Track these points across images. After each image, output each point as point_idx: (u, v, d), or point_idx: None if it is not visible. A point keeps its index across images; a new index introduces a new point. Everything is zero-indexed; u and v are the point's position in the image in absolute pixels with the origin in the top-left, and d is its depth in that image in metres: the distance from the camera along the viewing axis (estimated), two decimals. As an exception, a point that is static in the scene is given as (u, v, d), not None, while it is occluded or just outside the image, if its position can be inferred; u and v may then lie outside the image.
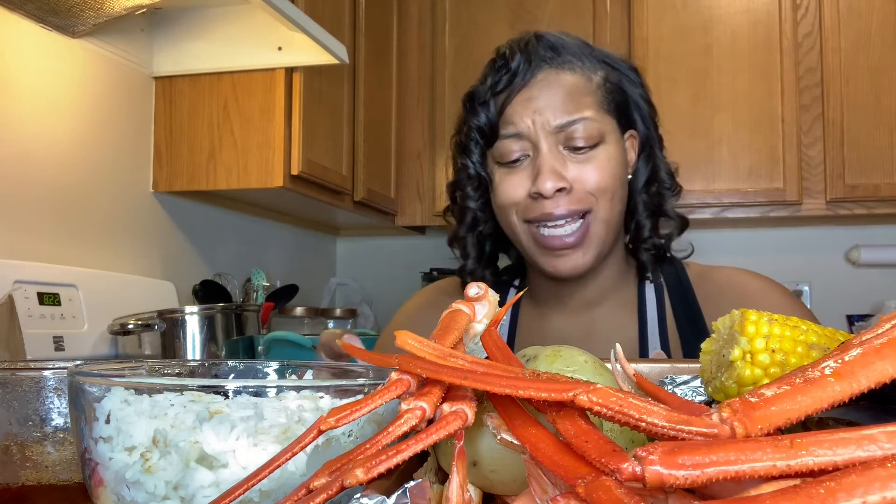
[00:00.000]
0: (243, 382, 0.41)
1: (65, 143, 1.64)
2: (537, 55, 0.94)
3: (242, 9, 1.72)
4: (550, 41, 0.95)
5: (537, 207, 0.91)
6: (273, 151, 1.89)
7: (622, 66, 1.00)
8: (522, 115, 0.92)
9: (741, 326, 0.43)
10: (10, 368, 0.52)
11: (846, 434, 0.25)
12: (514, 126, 0.92)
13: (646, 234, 1.00)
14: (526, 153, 0.93)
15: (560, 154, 0.92)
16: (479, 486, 0.38)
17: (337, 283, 2.91)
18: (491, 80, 0.95)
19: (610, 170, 0.93)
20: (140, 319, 1.63)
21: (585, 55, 0.96)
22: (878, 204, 2.40)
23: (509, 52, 0.96)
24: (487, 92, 0.95)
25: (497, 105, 0.94)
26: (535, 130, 0.91)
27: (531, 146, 0.92)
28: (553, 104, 0.91)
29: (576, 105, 0.92)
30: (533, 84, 0.93)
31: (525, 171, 0.93)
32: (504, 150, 0.94)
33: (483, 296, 0.47)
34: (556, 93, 0.92)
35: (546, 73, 0.93)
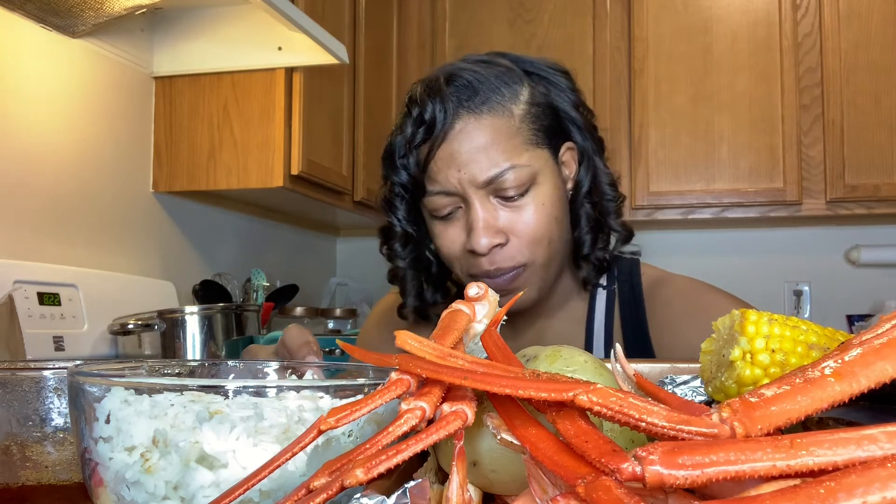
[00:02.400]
0: (243, 382, 0.41)
1: (65, 143, 1.64)
2: (453, 100, 0.87)
3: (242, 9, 1.72)
4: (466, 80, 0.88)
5: (475, 263, 0.88)
6: (273, 151, 1.89)
7: (548, 73, 0.94)
8: (447, 173, 0.87)
9: (741, 326, 0.43)
10: (10, 368, 0.52)
11: (846, 434, 0.25)
12: (440, 184, 0.88)
13: (586, 251, 0.96)
14: (457, 205, 0.89)
15: (491, 204, 0.87)
16: (479, 486, 0.38)
17: (337, 283, 2.91)
18: (409, 132, 0.89)
19: (545, 215, 0.88)
20: (140, 319, 1.63)
21: (504, 82, 0.89)
22: (878, 204, 2.40)
23: (421, 99, 0.89)
24: (405, 146, 0.90)
25: (419, 160, 0.89)
26: (461, 187, 0.86)
27: (461, 201, 0.88)
28: (477, 157, 0.86)
29: (502, 154, 0.86)
30: (452, 136, 0.87)
31: (459, 222, 0.89)
32: (435, 206, 0.90)
33: (483, 296, 0.47)
34: (479, 144, 0.86)
35: (465, 122, 0.87)
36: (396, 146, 0.92)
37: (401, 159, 0.91)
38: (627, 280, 1.00)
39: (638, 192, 2.52)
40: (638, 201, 2.52)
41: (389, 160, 0.93)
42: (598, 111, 2.79)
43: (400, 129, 0.92)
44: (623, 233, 0.99)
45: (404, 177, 0.91)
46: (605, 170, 0.97)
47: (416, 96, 0.91)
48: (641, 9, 2.55)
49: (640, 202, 2.52)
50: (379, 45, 2.50)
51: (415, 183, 0.90)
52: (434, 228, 0.92)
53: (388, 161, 0.93)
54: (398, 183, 0.92)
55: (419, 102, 0.90)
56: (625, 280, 1.00)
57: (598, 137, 0.97)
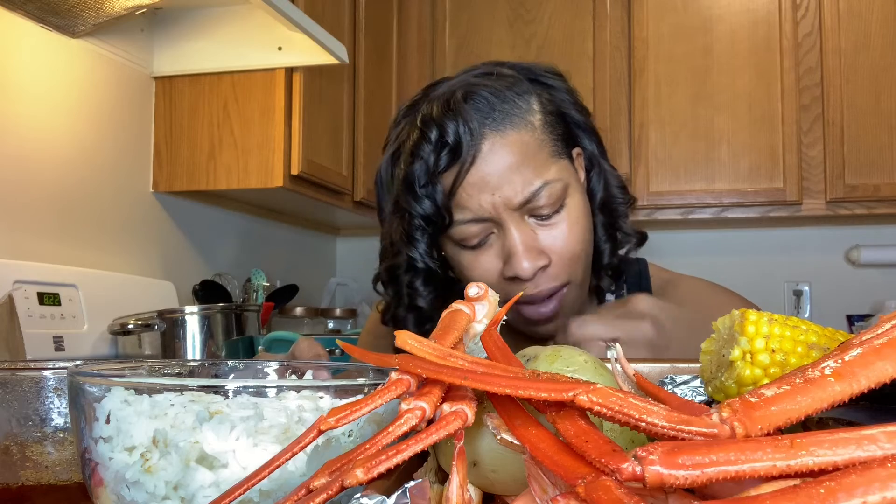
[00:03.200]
0: (243, 382, 0.41)
1: (65, 143, 1.64)
2: (476, 119, 0.81)
3: (242, 9, 1.72)
4: (483, 96, 0.82)
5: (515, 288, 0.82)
6: (273, 151, 1.89)
7: (547, 78, 0.90)
8: (479, 199, 0.80)
9: (741, 326, 0.43)
10: (10, 368, 0.52)
11: (846, 434, 0.25)
12: (472, 211, 0.81)
13: (605, 261, 0.92)
14: (489, 231, 0.83)
15: (528, 226, 0.82)
16: (479, 486, 0.38)
17: (337, 283, 2.91)
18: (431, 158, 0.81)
19: (581, 228, 0.85)
20: (140, 319, 1.63)
21: (516, 93, 0.84)
22: (878, 204, 2.40)
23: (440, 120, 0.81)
24: (427, 174, 0.81)
25: (444, 187, 0.81)
26: (495, 212, 0.81)
27: (495, 227, 0.83)
28: (510, 178, 0.80)
29: (533, 170, 0.81)
30: (481, 159, 0.80)
31: (492, 249, 0.83)
32: (465, 235, 0.83)
33: (483, 296, 0.47)
34: (509, 163, 0.80)
35: (491, 142, 0.81)
36: (416, 174, 0.82)
37: (422, 188, 0.82)
38: (636, 283, 0.98)
39: (638, 192, 2.52)
40: (638, 201, 2.52)
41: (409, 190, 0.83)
42: (598, 111, 2.79)
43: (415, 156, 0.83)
44: (636, 237, 0.96)
45: (429, 207, 0.82)
46: (613, 172, 0.94)
47: (432, 117, 0.83)
48: (641, 9, 2.55)
49: (640, 202, 2.52)
50: (379, 45, 2.50)
51: (440, 213, 0.82)
52: (462, 260, 0.85)
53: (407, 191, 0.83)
54: (420, 215, 0.83)
55: (438, 124, 0.82)
56: (633, 283, 0.98)
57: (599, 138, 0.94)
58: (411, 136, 0.85)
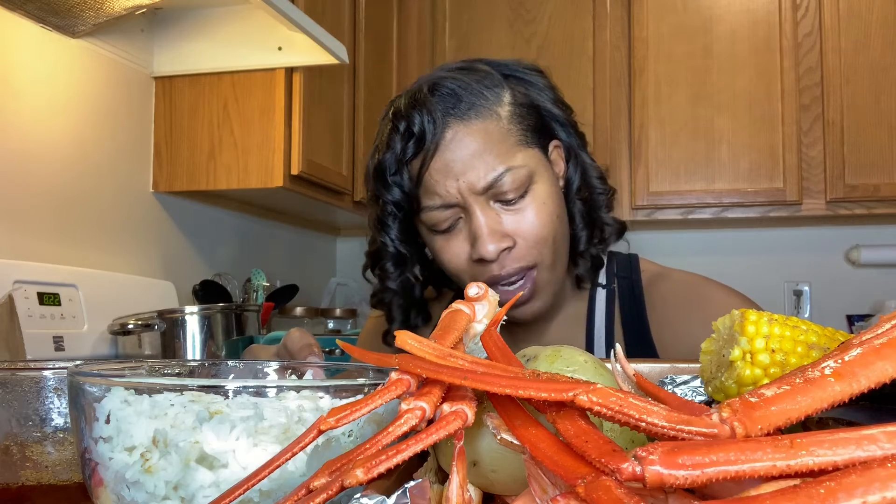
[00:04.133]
0: (243, 382, 0.41)
1: (65, 143, 1.64)
2: (439, 110, 0.86)
3: (242, 9, 1.72)
4: (449, 88, 0.87)
5: (484, 271, 0.86)
6: (273, 151, 1.89)
7: (525, 74, 0.93)
8: (445, 184, 0.85)
9: (741, 326, 0.43)
10: (10, 368, 0.52)
11: (846, 434, 0.25)
12: (440, 196, 0.86)
13: (582, 248, 0.95)
14: (458, 216, 0.87)
15: (493, 210, 0.86)
16: (479, 486, 0.38)
17: (337, 283, 2.91)
18: (398, 147, 0.87)
19: (547, 213, 0.87)
20: (140, 319, 1.63)
21: (486, 86, 0.88)
22: (878, 204, 2.40)
23: (407, 112, 0.87)
24: (396, 163, 0.88)
25: (412, 175, 0.87)
26: (460, 196, 0.85)
27: (461, 210, 0.87)
28: (473, 164, 0.84)
29: (496, 157, 0.85)
30: (444, 146, 0.85)
31: (461, 234, 0.88)
32: (434, 220, 0.88)
33: (483, 296, 0.47)
34: (473, 150, 0.85)
35: (455, 129, 0.85)
36: (386, 163, 0.88)
37: (392, 176, 0.88)
38: (627, 277, 1.00)
39: (638, 192, 2.52)
40: (638, 201, 2.52)
41: (380, 179, 0.90)
42: (598, 111, 2.79)
43: (387, 146, 0.89)
44: (615, 226, 0.98)
45: (398, 194, 0.88)
46: (592, 163, 0.96)
47: (401, 110, 0.89)
48: (641, 9, 2.55)
49: (640, 202, 2.52)
50: (379, 45, 2.50)
51: (409, 199, 0.88)
52: (435, 244, 0.90)
53: (378, 180, 0.90)
54: (391, 202, 0.89)
55: (405, 116, 0.87)
56: (624, 277, 1.00)
57: (580, 132, 0.97)
58: (385, 129, 0.92)
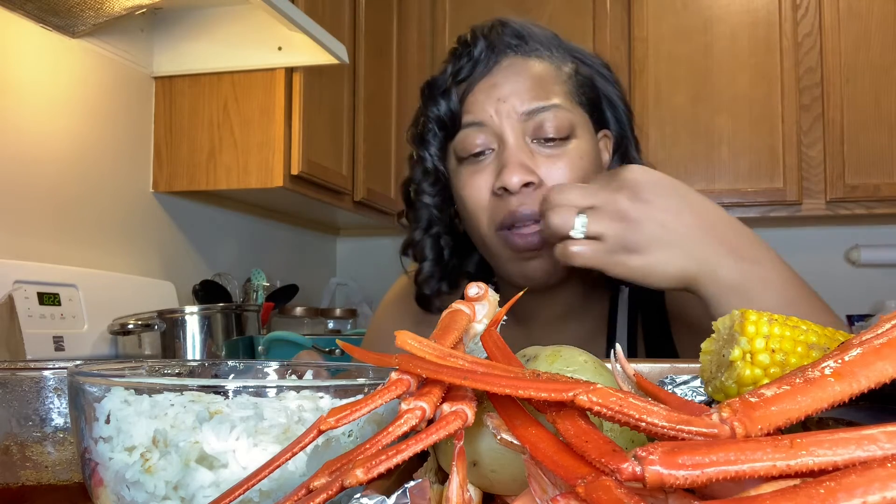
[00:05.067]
0: (243, 382, 0.41)
1: (65, 143, 1.64)
2: (502, 42, 0.87)
3: (242, 9, 1.72)
4: (516, 28, 0.89)
5: (503, 206, 0.83)
6: (273, 151, 1.89)
7: (594, 62, 0.93)
8: (485, 104, 0.84)
9: (741, 326, 0.43)
10: (10, 368, 0.52)
11: (846, 434, 0.25)
12: (476, 115, 0.85)
13: None
14: (490, 147, 0.85)
15: (527, 147, 0.83)
16: (479, 486, 0.38)
17: (337, 283, 2.91)
18: (452, 67, 0.88)
19: (582, 168, 0.84)
20: (140, 319, 1.63)
21: (554, 45, 0.89)
22: (878, 204, 2.40)
23: (471, 38, 0.89)
24: (448, 80, 0.87)
25: (458, 94, 0.87)
26: (499, 120, 0.83)
27: (496, 138, 0.84)
28: (519, 90, 0.84)
29: (545, 92, 0.84)
30: (497, 71, 0.86)
31: (490, 166, 0.85)
32: (466, 143, 0.85)
33: (483, 296, 0.47)
34: (523, 79, 0.85)
35: (511, 60, 0.86)
36: (438, 80, 0.89)
37: (441, 94, 0.88)
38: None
39: (638, 192, 2.52)
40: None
41: (429, 94, 0.90)
42: (598, 111, 2.75)
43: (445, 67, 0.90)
44: None
45: (443, 110, 0.87)
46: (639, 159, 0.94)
47: (466, 36, 0.91)
48: (641, 9, 2.55)
49: (640, 202, 2.52)
50: (379, 45, 2.50)
51: (452, 118, 0.87)
52: (460, 178, 0.88)
53: (427, 95, 0.90)
54: (434, 117, 0.88)
55: (468, 40, 0.89)
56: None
57: (636, 136, 0.95)
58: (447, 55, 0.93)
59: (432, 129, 0.89)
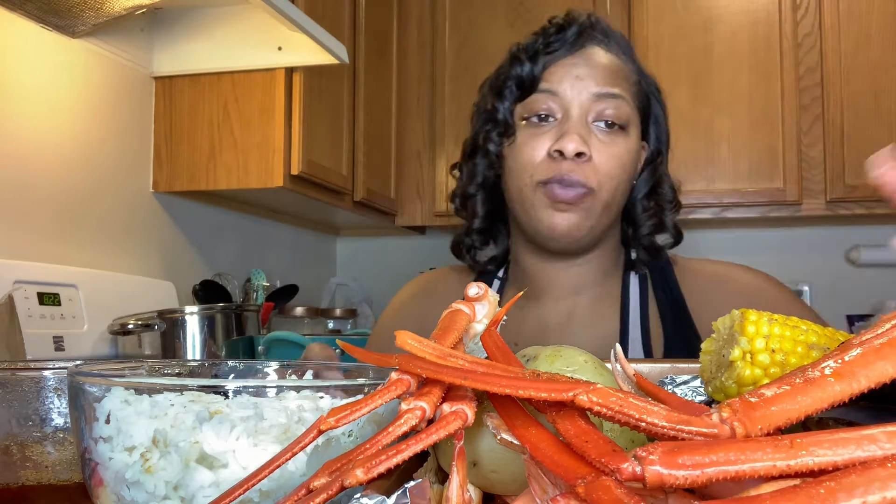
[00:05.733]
0: (243, 382, 0.41)
1: (65, 143, 1.64)
2: (590, 33, 0.97)
3: (242, 9, 1.72)
4: (604, 27, 0.99)
5: (553, 167, 0.92)
6: (273, 151, 1.89)
7: (651, 82, 1.03)
8: (563, 77, 0.94)
9: (741, 326, 0.43)
10: (10, 368, 0.52)
11: (846, 434, 0.25)
12: (553, 84, 0.94)
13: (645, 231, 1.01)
14: (555, 115, 0.94)
15: (588, 125, 0.93)
16: (479, 486, 0.38)
17: (337, 283, 2.91)
18: (543, 40, 0.97)
19: (626, 161, 0.94)
20: (140, 319, 1.63)
21: (629, 54, 1.00)
22: (878, 204, 2.40)
23: (566, 21, 0.99)
24: (537, 47, 0.97)
25: (542, 62, 0.96)
26: (570, 95, 0.93)
27: (562, 109, 0.94)
28: (595, 75, 0.94)
29: (616, 83, 0.95)
30: (581, 54, 0.96)
31: (550, 132, 0.94)
32: (536, 104, 0.95)
33: (483, 296, 0.47)
34: (601, 67, 0.95)
35: (595, 50, 0.96)
36: (528, 45, 0.98)
37: (529, 56, 0.96)
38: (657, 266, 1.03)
39: (638, 192, 2.52)
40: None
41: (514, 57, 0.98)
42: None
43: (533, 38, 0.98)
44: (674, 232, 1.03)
45: (526, 69, 0.96)
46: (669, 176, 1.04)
47: (561, 20, 0.99)
48: (641, 9, 2.55)
49: (640, 202, 2.52)
50: (379, 45, 2.50)
51: (531, 79, 0.95)
52: (520, 136, 0.96)
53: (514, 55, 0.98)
54: (516, 75, 0.97)
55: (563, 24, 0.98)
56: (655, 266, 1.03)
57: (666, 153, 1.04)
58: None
59: (510, 87, 0.98)
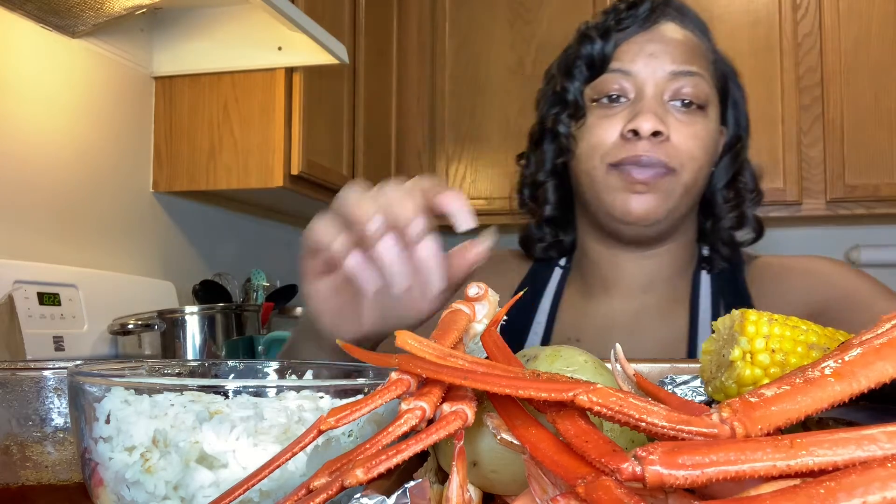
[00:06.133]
0: (243, 382, 0.41)
1: (65, 142, 1.64)
2: (664, 9, 0.93)
3: (242, 9, 1.72)
4: (679, 4, 0.95)
5: (628, 148, 0.86)
6: (273, 151, 1.89)
7: (729, 64, 0.99)
8: (637, 56, 0.89)
9: (741, 326, 0.43)
10: (10, 368, 0.52)
11: (846, 434, 0.25)
12: (625, 63, 0.89)
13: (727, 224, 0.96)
14: (627, 95, 0.89)
15: (664, 105, 0.88)
16: (479, 486, 0.38)
17: (337, 283, 2.91)
18: (613, 16, 0.92)
19: (707, 143, 0.89)
20: (140, 319, 1.63)
21: (705, 32, 0.95)
22: (878, 204, 2.40)
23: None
24: (608, 24, 0.92)
25: (614, 40, 0.91)
26: (645, 73, 0.88)
27: (635, 89, 0.89)
28: (671, 52, 0.89)
29: (694, 59, 0.90)
30: (655, 30, 0.91)
31: (622, 112, 0.88)
32: (607, 84, 0.90)
33: (483, 296, 0.47)
34: (676, 43, 0.90)
35: (670, 26, 0.92)
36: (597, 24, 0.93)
37: (600, 34, 0.92)
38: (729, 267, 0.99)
39: (638, 192, 2.52)
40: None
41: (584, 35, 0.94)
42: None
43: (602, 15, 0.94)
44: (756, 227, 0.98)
45: (597, 48, 0.91)
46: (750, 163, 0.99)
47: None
48: (641, 9, 2.55)
49: (640, 202, 2.52)
50: (379, 45, 2.49)
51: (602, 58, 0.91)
52: (590, 118, 0.91)
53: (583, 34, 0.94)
54: (586, 55, 0.92)
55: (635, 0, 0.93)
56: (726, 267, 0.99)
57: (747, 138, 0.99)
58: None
59: (580, 67, 0.93)
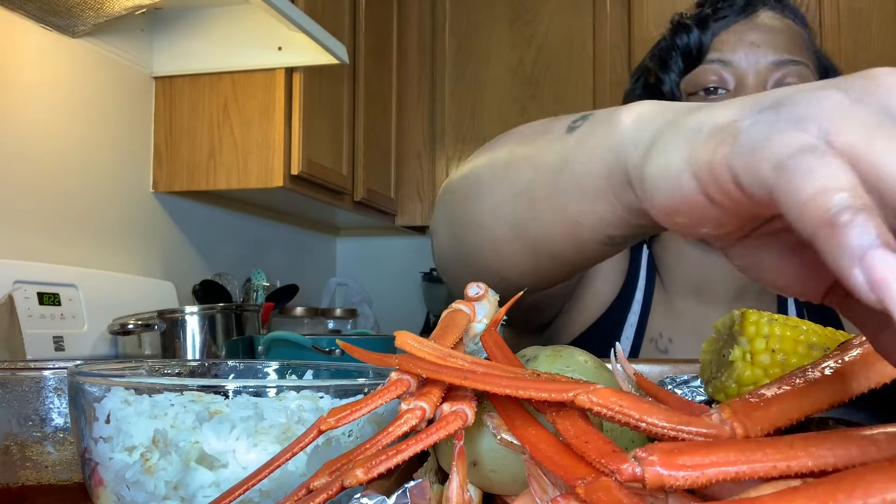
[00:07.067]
0: (243, 382, 0.41)
1: (65, 143, 1.64)
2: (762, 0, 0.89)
3: (242, 9, 1.72)
4: None
5: None
6: (273, 151, 1.89)
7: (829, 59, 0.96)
8: (737, 45, 0.85)
9: (741, 326, 0.43)
10: (10, 368, 0.52)
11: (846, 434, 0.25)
12: (724, 53, 0.85)
13: None
14: (726, 87, 0.85)
15: None
16: (479, 486, 0.38)
17: (337, 283, 2.91)
18: (710, 5, 0.89)
19: None
20: (140, 319, 1.63)
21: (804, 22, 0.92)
22: (878, 204, 2.40)
23: None
24: (705, 14, 0.88)
25: (710, 30, 0.87)
26: (746, 63, 0.84)
27: (734, 80, 0.85)
28: (774, 41, 0.85)
29: (797, 49, 0.86)
30: (755, 19, 0.87)
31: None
32: (705, 76, 0.86)
33: (483, 296, 0.47)
34: (779, 32, 0.86)
35: (769, 15, 0.88)
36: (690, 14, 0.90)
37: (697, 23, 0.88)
38: None
39: (638, 192, 2.52)
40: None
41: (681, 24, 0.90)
42: (598, 111, 2.79)
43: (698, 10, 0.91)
44: None
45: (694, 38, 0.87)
46: None
47: None
48: (641, 9, 2.55)
49: (640, 202, 2.52)
50: (379, 45, 2.50)
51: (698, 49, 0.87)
52: None
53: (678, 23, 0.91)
54: (682, 45, 0.88)
55: None
56: None
57: None
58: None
59: (675, 58, 0.90)
